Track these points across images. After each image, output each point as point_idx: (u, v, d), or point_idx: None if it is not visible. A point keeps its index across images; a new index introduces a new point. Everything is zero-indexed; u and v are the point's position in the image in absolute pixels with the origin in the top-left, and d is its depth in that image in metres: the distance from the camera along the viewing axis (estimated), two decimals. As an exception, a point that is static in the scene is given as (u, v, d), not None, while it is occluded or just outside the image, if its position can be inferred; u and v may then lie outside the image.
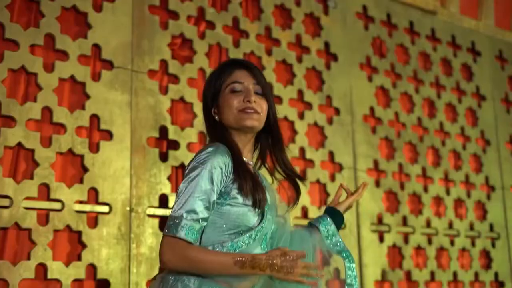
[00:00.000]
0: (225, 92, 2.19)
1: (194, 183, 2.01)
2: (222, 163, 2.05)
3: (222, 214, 2.08)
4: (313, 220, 2.43)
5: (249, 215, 2.10)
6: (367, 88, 4.42)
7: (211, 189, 2.02)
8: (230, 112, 2.17)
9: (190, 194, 2.00)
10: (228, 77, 2.21)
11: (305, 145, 4.00)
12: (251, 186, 2.09)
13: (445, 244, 4.62)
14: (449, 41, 5.06)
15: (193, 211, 1.98)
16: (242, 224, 2.10)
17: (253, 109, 2.16)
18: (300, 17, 4.17)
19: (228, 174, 2.08)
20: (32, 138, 3.01)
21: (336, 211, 2.44)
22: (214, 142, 2.14)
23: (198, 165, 2.04)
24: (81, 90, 3.23)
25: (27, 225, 2.93)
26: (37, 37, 3.11)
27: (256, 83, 2.21)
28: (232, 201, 2.08)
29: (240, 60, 2.30)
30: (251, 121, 2.16)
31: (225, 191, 2.08)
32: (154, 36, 3.50)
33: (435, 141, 4.75)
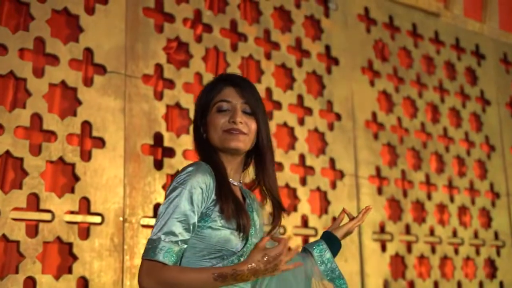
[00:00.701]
0: (213, 110, 2.10)
1: (173, 204, 1.93)
2: (202, 183, 1.96)
3: (203, 238, 1.98)
4: (308, 245, 2.31)
5: (232, 239, 2.00)
6: (369, 93, 4.31)
7: (190, 209, 1.93)
8: (215, 132, 2.08)
9: (169, 216, 1.91)
10: (217, 95, 2.11)
11: (305, 151, 3.88)
12: (233, 209, 2.00)
13: (449, 252, 4.50)
14: (453, 44, 4.94)
15: (171, 233, 1.90)
16: (223, 249, 1.99)
17: (238, 130, 2.06)
18: (300, 20, 4.05)
19: (209, 194, 1.99)
20: (20, 146, 2.88)
21: (334, 236, 2.32)
22: (198, 161, 2.06)
23: (178, 186, 1.96)
24: (73, 96, 3.11)
25: (15, 237, 2.80)
26: (27, 41, 2.99)
27: (245, 102, 2.11)
28: (213, 224, 1.98)
29: (231, 77, 2.18)
30: (235, 142, 2.06)
31: (206, 212, 1.98)
32: (149, 39, 3.38)
33: (438, 147, 4.63)
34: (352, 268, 3.92)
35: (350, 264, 3.91)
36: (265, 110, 2.18)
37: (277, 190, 2.23)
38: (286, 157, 3.78)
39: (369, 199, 4.09)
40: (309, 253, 2.27)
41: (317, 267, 2.26)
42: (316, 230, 3.80)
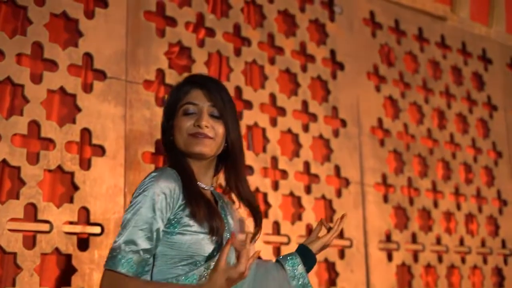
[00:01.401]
0: (179, 113, 2.07)
1: (135, 212, 1.88)
2: (166, 189, 1.91)
3: (173, 244, 1.93)
4: (281, 258, 2.22)
5: (203, 244, 1.94)
6: (375, 99, 4.21)
7: (152, 217, 1.87)
8: (181, 135, 2.05)
9: (131, 224, 1.86)
10: (184, 97, 2.08)
11: (309, 159, 3.78)
12: (205, 212, 1.95)
13: (456, 261, 4.40)
14: (459, 48, 4.85)
15: (132, 242, 1.84)
16: (196, 254, 1.93)
17: (204, 134, 2.03)
18: (304, 24, 3.95)
19: (175, 199, 1.93)
20: (18, 154, 2.79)
21: (309, 250, 2.24)
22: (163, 167, 2.03)
23: (140, 193, 1.91)
24: (72, 103, 3.01)
25: (12, 248, 2.70)
26: (24, 46, 2.88)
27: (212, 105, 2.07)
28: (184, 229, 1.93)
29: (199, 78, 2.14)
30: (199, 147, 2.03)
31: (175, 218, 1.93)
32: (150, 44, 3.28)
33: (445, 154, 4.53)
34: (358, 279, 3.83)
35: (356, 274, 3.82)
36: (235, 113, 2.13)
37: (251, 195, 2.19)
38: (291, 165, 3.69)
39: (375, 208, 4.00)
40: (282, 267, 2.18)
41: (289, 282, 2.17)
42: (321, 239, 3.70)
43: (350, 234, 3.85)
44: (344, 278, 3.77)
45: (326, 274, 3.78)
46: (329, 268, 3.79)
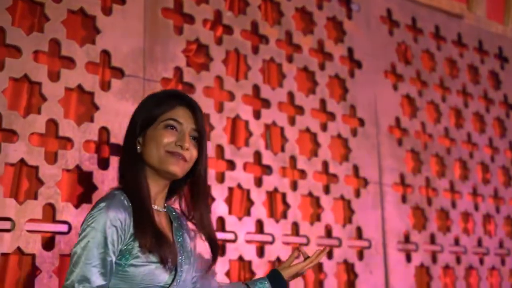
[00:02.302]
0: (159, 126, 1.98)
1: (85, 247, 1.78)
2: (116, 221, 1.81)
3: (126, 277, 1.85)
4: (250, 282, 2.19)
5: (157, 274, 1.86)
6: (392, 97, 4.14)
7: (104, 252, 1.78)
8: (157, 149, 1.95)
9: (82, 261, 1.77)
10: (168, 111, 1.99)
11: (328, 158, 3.72)
12: (153, 242, 1.86)
13: (474, 262, 4.33)
14: (476, 46, 4.78)
15: (86, 280, 1.75)
16: (150, 285, 1.86)
17: (182, 155, 1.95)
18: (322, 22, 3.89)
19: (126, 230, 1.84)
20: (36, 153, 2.72)
21: (280, 276, 2.19)
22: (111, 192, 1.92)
23: (89, 226, 1.81)
24: (89, 101, 2.95)
25: (30, 250, 2.64)
26: (41, 43, 2.83)
27: (195, 128, 2.00)
28: (136, 260, 1.84)
29: (186, 97, 2.06)
30: (175, 167, 1.95)
31: (126, 249, 1.84)
32: (168, 41, 3.22)
33: (462, 153, 4.46)
34: (377, 280, 3.76)
35: (375, 275, 3.76)
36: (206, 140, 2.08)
37: (212, 229, 2.11)
38: (309, 164, 3.62)
39: (393, 208, 3.93)
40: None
41: None
42: (340, 240, 3.65)
43: (369, 234, 3.79)
44: (363, 280, 3.70)
45: (345, 275, 3.72)
46: (348, 269, 3.72)
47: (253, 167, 3.44)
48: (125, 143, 2.06)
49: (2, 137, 2.68)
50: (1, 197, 2.60)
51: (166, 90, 2.15)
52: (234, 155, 3.34)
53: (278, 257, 3.38)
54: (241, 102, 3.42)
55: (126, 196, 1.91)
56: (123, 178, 2.01)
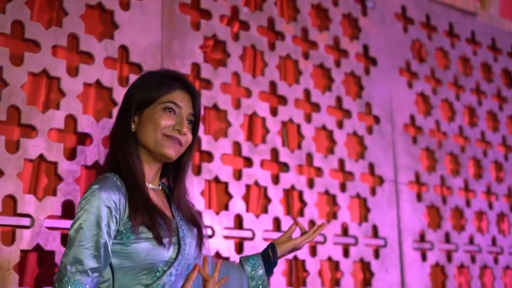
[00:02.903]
0: (157, 107, 1.96)
1: (78, 229, 1.77)
2: (109, 201, 1.80)
3: (129, 255, 1.83)
4: (243, 257, 2.19)
5: (160, 249, 1.85)
6: (407, 95, 4.11)
7: (97, 234, 1.77)
8: (154, 131, 1.94)
9: (75, 243, 1.75)
10: (167, 94, 1.97)
11: (344, 156, 3.69)
12: (148, 219, 1.85)
13: (489, 262, 4.30)
14: (489, 44, 4.75)
15: (78, 261, 1.74)
16: (155, 260, 1.85)
17: (179, 139, 1.95)
18: (337, 18, 3.86)
19: (122, 209, 1.84)
20: (55, 149, 2.69)
21: (274, 252, 2.19)
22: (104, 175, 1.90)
23: (83, 209, 1.80)
24: (108, 96, 2.92)
25: (50, 247, 2.61)
26: (60, 38, 2.79)
27: (193, 113, 2.01)
28: (137, 238, 1.83)
29: (186, 80, 2.05)
30: (171, 150, 1.95)
31: (125, 229, 1.83)
32: (185, 37, 3.19)
33: (476, 152, 4.43)
34: (393, 279, 3.73)
35: (391, 274, 3.72)
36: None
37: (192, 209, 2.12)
38: (326, 162, 3.59)
39: (409, 206, 3.90)
40: (242, 267, 2.16)
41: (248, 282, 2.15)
42: (357, 238, 3.61)
43: (385, 233, 3.75)
44: (379, 278, 3.67)
45: (361, 274, 3.68)
46: (364, 268, 3.69)
47: (270, 164, 3.41)
48: (119, 121, 2.04)
49: (21, 133, 2.65)
50: (20, 193, 2.57)
51: (166, 71, 2.10)
52: (252, 152, 3.30)
53: (295, 256, 3.35)
54: (258, 98, 3.39)
55: (118, 177, 1.91)
56: (116, 157, 1.99)
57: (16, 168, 2.57)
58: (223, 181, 3.18)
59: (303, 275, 3.40)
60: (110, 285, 1.86)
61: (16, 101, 2.62)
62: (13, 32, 2.68)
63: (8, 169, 2.55)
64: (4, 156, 2.55)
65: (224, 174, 3.18)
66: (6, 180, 2.54)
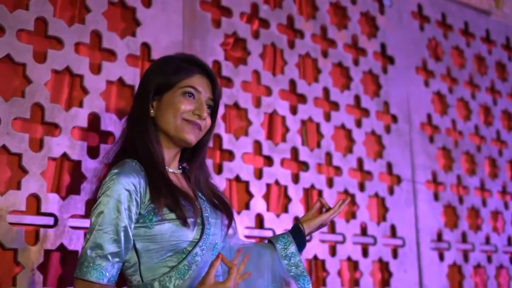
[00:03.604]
0: (177, 92, 1.95)
1: (99, 214, 1.76)
2: (129, 185, 1.79)
3: (154, 237, 1.81)
4: (272, 237, 2.16)
5: (184, 230, 1.83)
6: (424, 94, 4.08)
7: (117, 218, 1.75)
8: (174, 116, 1.93)
9: (95, 228, 1.74)
10: (187, 78, 1.96)
11: (363, 155, 3.66)
12: (171, 201, 1.83)
13: (505, 261, 4.28)
14: (504, 43, 4.72)
15: (97, 246, 1.72)
16: (180, 241, 1.83)
17: (199, 124, 1.95)
18: (356, 16, 3.83)
19: (143, 192, 1.82)
20: (78, 148, 2.66)
21: (301, 230, 2.16)
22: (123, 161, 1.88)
23: (102, 193, 1.79)
24: (130, 94, 2.89)
25: (73, 246, 2.57)
26: (83, 35, 2.76)
27: (212, 98, 2.00)
28: (160, 220, 1.81)
29: (205, 65, 2.04)
30: (191, 135, 1.94)
31: (148, 211, 1.81)
32: (206, 35, 3.16)
33: (492, 151, 4.41)
34: (411, 279, 3.70)
35: (409, 274, 3.70)
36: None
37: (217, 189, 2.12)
38: (345, 161, 3.56)
39: (426, 206, 3.87)
40: (274, 247, 2.12)
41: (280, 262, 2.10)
42: (375, 238, 3.58)
43: (403, 233, 3.73)
44: (398, 278, 3.64)
45: (380, 274, 3.66)
46: (383, 268, 3.66)
47: (290, 163, 3.38)
48: (137, 106, 2.02)
49: (45, 131, 2.61)
50: (44, 192, 2.54)
51: (184, 55, 2.09)
52: (272, 151, 3.27)
53: (315, 255, 3.32)
54: (278, 97, 3.36)
55: (137, 162, 1.89)
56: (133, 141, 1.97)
57: (40, 166, 2.54)
58: (244, 180, 3.15)
59: (323, 275, 3.37)
60: (136, 269, 1.84)
61: (40, 99, 2.58)
62: (36, 29, 2.65)
63: (33, 168, 2.52)
64: (28, 154, 2.51)
65: (245, 173, 3.15)
66: (30, 179, 2.50)
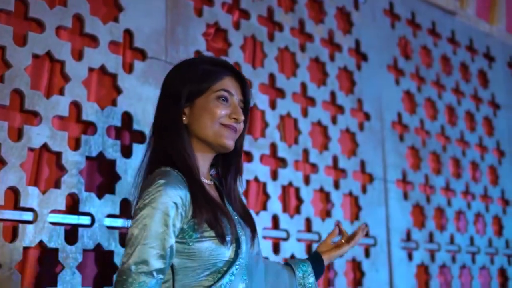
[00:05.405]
0: (210, 96, 1.84)
1: (143, 227, 1.64)
2: (177, 198, 1.68)
3: (193, 255, 1.71)
4: (292, 261, 2.10)
5: (222, 248, 1.73)
6: (395, 92, 4.05)
7: (164, 232, 1.64)
8: (211, 121, 1.82)
9: (140, 242, 1.62)
10: (218, 82, 1.85)
11: (338, 153, 3.59)
12: (212, 217, 1.73)
13: (467, 261, 4.30)
14: (467, 45, 4.75)
15: (143, 262, 1.61)
16: (218, 260, 1.73)
17: (235, 128, 1.85)
18: (332, 11, 3.76)
19: (187, 207, 1.71)
20: (59, 138, 2.48)
21: (321, 259, 2.13)
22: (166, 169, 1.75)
23: (147, 205, 1.66)
24: (110, 83, 2.73)
25: (53, 243, 2.41)
26: (64, 18, 2.58)
27: (243, 100, 1.90)
28: (200, 236, 1.71)
29: (233, 67, 1.94)
30: (230, 140, 1.85)
31: (189, 226, 1.71)
32: (189, 23, 3.02)
33: (456, 151, 4.42)
34: (382, 279, 3.67)
35: (381, 274, 3.66)
36: None
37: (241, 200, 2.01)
38: (321, 158, 3.49)
39: (397, 205, 3.84)
40: (292, 271, 2.06)
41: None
42: (349, 237, 3.52)
43: (375, 232, 3.68)
44: (370, 278, 3.60)
45: (352, 273, 3.60)
46: (355, 267, 3.61)
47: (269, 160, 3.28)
48: (167, 114, 1.88)
49: (24, 119, 2.43)
50: (23, 185, 2.36)
51: (208, 58, 1.98)
52: (251, 147, 3.17)
53: (293, 254, 3.23)
54: (258, 91, 3.26)
55: (178, 171, 1.77)
56: (165, 151, 1.83)
57: (20, 157, 2.36)
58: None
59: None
60: (170, 285, 1.72)
61: (20, 85, 2.40)
62: (16, 10, 2.46)
63: (11, 159, 2.34)
64: (7, 144, 2.33)
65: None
66: (8, 170, 2.32)
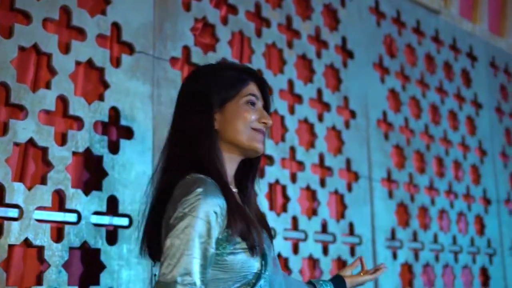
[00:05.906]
0: (240, 101, 1.82)
1: (185, 237, 1.59)
2: (216, 206, 1.64)
3: (225, 266, 1.67)
4: (314, 280, 2.12)
5: (252, 261, 1.70)
6: (380, 90, 4.04)
7: (206, 242, 1.60)
8: (244, 126, 1.80)
9: (182, 252, 1.57)
10: (244, 88, 1.84)
11: (324, 150, 3.56)
12: (245, 228, 1.69)
13: (450, 261, 4.30)
14: (451, 44, 4.76)
15: (188, 273, 1.56)
16: (248, 273, 1.69)
17: (264, 132, 1.84)
18: (319, 8, 3.73)
19: (224, 216, 1.66)
20: (45, 133, 2.42)
21: (343, 283, 2.15)
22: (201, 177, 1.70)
23: (187, 214, 1.61)
24: (97, 77, 2.67)
25: (39, 241, 2.34)
26: (51, 10, 2.52)
27: (264, 105, 1.90)
28: (234, 248, 1.67)
29: (256, 72, 1.94)
30: (261, 144, 1.83)
31: (223, 237, 1.66)
32: (177, 18, 2.97)
33: (440, 150, 4.42)
34: (368, 278, 3.64)
35: (366, 273, 3.63)
36: None
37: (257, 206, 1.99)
38: (308, 156, 3.46)
39: (382, 204, 3.83)
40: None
41: None
42: (335, 236, 3.50)
43: (360, 230, 3.66)
44: (355, 277, 3.57)
45: (338, 272, 3.57)
46: (340, 266, 3.58)
47: (256, 157, 3.24)
48: (198, 120, 1.83)
49: (10, 113, 2.37)
50: (9, 181, 2.29)
51: (233, 64, 2.02)
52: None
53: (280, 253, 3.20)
54: (246, 87, 3.21)
55: (211, 179, 1.72)
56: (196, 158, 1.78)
57: (5, 152, 2.29)
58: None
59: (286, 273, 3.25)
60: None
61: (5, 78, 2.33)
62: (2, 1, 2.40)
63: (-4, 154, 2.27)
64: (-8, 139, 2.27)
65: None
66: (-7, 166, 2.26)
